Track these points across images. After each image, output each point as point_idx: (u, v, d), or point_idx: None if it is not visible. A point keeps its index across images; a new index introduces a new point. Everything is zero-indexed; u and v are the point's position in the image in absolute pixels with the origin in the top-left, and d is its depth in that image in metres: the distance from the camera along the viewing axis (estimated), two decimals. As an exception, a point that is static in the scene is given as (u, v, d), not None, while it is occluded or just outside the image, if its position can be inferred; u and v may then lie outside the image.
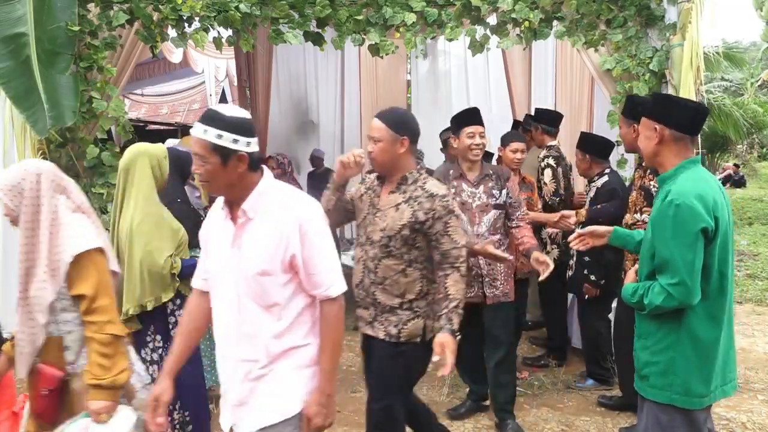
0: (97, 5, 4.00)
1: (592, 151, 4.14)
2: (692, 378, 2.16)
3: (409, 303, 2.55)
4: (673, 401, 2.18)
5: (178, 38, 4.18)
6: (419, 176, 2.60)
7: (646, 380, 2.26)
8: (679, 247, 2.08)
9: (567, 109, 5.77)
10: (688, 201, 2.08)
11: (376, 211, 2.61)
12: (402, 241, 2.51)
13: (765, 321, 5.89)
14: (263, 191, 1.98)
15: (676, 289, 2.08)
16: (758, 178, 19.29)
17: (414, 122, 2.66)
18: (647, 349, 2.25)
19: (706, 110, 2.34)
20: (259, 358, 1.98)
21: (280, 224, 1.94)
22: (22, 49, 3.66)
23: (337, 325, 2.06)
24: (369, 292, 2.60)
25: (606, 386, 4.21)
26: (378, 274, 2.57)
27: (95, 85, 4.01)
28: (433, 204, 2.48)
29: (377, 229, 2.57)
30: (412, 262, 2.53)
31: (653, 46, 4.03)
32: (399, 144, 2.54)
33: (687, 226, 2.07)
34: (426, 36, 4.29)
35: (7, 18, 3.66)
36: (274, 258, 1.93)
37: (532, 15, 4.07)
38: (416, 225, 2.48)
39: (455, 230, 2.51)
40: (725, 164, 18.23)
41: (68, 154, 4.08)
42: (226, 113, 1.92)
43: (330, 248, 2.02)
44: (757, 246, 9.35)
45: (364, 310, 2.66)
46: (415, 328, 2.57)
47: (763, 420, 3.80)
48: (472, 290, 3.42)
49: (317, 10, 4.09)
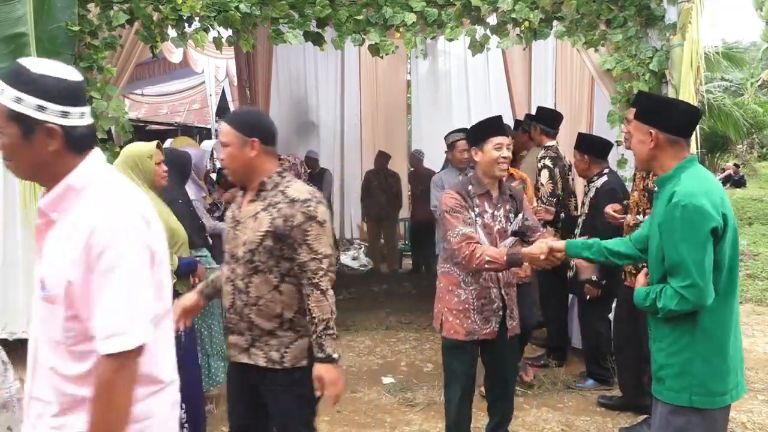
0: (97, 5, 4.00)
1: (590, 151, 4.14)
2: (709, 376, 2.13)
3: (289, 322, 2.24)
4: (692, 403, 2.13)
5: (178, 38, 4.18)
6: (281, 180, 2.30)
7: (662, 383, 2.22)
8: (690, 248, 2.05)
9: (567, 109, 5.76)
10: (696, 201, 2.05)
11: (236, 224, 2.33)
12: (267, 254, 2.20)
13: (765, 321, 5.89)
14: (75, 183, 1.48)
15: (689, 292, 2.06)
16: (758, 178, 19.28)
17: (266, 122, 2.36)
18: (662, 351, 2.21)
19: (699, 111, 2.32)
20: (51, 401, 1.51)
21: (73, 234, 1.44)
22: (22, 49, 3.67)
23: (109, 399, 1.41)
24: (243, 315, 2.27)
25: (606, 386, 4.21)
26: (250, 294, 2.25)
27: (95, 85, 4.01)
28: (293, 210, 2.19)
29: (239, 244, 2.28)
30: (285, 276, 2.22)
31: (653, 46, 4.03)
32: (249, 147, 2.24)
33: (696, 227, 2.05)
34: (426, 36, 4.29)
35: (7, 18, 3.67)
36: (58, 281, 1.45)
37: (532, 15, 4.07)
38: (277, 234, 2.19)
39: (316, 239, 2.18)
40: (725, 164, 18.24)
41: (68, 154, 4.08)
42: (36, 70, 1.45)
43: (130, 283, 1.43)
44: (757, 246, 9.36)
45: (238, 336, 2.30)
46: (299, 351, 2.25)
47: (763, 420, 3.80)
48: (488, 326, 3.03)
49: (317, 10, 4.09)
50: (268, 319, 2.24)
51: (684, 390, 2.14)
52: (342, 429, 3.69)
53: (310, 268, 2.18)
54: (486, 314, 3.01)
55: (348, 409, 3.94)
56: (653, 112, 2.23)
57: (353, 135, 9.19)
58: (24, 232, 4.29)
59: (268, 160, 2.29)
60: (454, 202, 2.93)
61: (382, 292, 7.10)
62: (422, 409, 3.92)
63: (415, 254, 8.19)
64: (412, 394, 4.11)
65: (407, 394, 4.11)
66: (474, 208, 2.97)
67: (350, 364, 4.77)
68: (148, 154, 3.05)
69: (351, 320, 5.79)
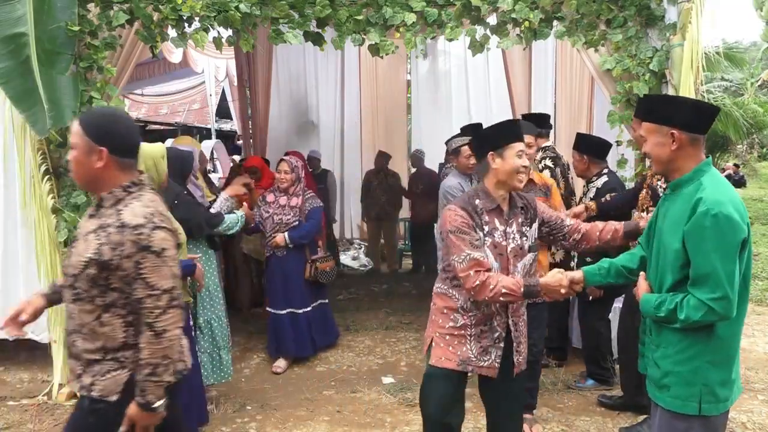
0: (97, 5, 4.00)
1: (589, 151, 4.14)
2: (718, 384, 2.09)
3: (113, 352, 1.96)
4: (702, 411, 2.08)
5: (178, 38, 4.18)
6: (125, 196, 1.97)
7: (666, 390, 2.15)
8: (722, 259, 1.98)
9: (567, 109, 5.78)
10: (726, 211, 1.98)
11: (74, 239, 2.04)
12: (89, 282, 1.92)
13: (765, 321, 5.89)
14: None
15: (719, 304, 1.98)
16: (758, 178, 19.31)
17: (121, 128, 2.01)
18: (668, 359, 2.14)
19: (716, 107, 2.23)
20: None
21: None
22: (22, 49, 3.66)
23: None
24: (71, 340, 2.03)
25: (606, 386, 4.21)
26: (74, 319, 2.00)
27: (95, 85, 4.01)
28: (122, 237, 1.88)
29: (67, 265, 2.01)
30: (109, 307, 1.94)
31: (653, 46, 4.03)
32: (95, 156, 1.94)
33: (728, 238, 1.98)
34: (426, 36, 4.29)
35: (7, 18, 3.66)
36: None
37: (532, 15, 4.07)
38: (101, 262, 1.89)
39: (153, 272, 1.88)
40: (725, 164, 18.25)
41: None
42: None
43: None
44: (757, 246, 9.36)
45: (73, 360, 2.05)
46: (114, 383, 1.96)
47: (763, 420, 3.80)
48: (486, 358, 2.65)
49: (317, 10, 4.09)
50: (92, 349, 1.97)
51: (692, 398, 2.09)
52: (342, 429, 3.69)
53: (147, 305, 1.89)
54: (484, 344, 2.63)
55: (348, 409, 3.94)
56: (672, 112, 2.14)
57: (353, 135, 9.19)
58: (24, 232, 4.29)
59: (121, 174, 1.98)
60: (460, 221, 2.54)
61: (382, 292, 7.10)
62: (422, 409, 3.92)
63: (415, 254, 8.19)
64: (412, 394, 4.11)
65: (407, 394, 4.11)
66: (483, 226, 2.58)
67: (350, 364, 4.77)
68: (161, 154, 3.09)
69: (351, 320, 5.79)
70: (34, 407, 3.95)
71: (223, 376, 3.92)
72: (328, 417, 3.82)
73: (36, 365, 4.57)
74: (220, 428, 3.67)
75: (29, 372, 4.51)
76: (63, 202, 4.09)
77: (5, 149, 4.22)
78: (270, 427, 3.67)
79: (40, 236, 4.09)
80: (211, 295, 3.87)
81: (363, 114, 9.16)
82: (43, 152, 4.07)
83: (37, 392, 4.16)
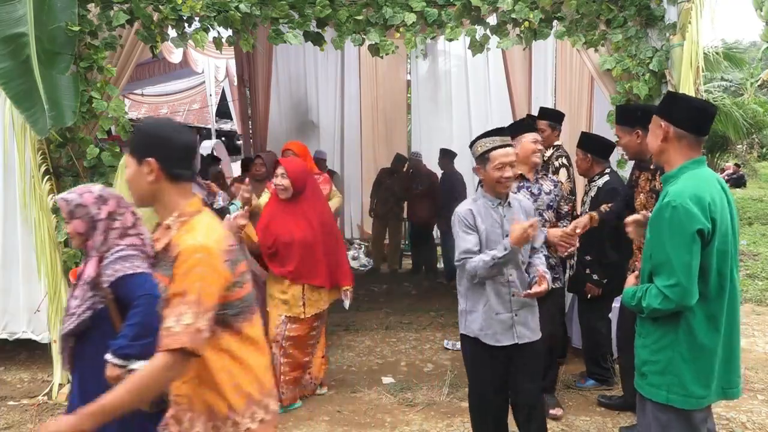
0: (97, 5, 4.01)
1: (593, 150, 4.13)
2: (690, 379, 2.16)
3: None
4: (670, 401, 2.18)
5: (178, 38, 4.18)
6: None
7: (645, 378, 2.26)
8: (675, 248, 2.08)
9: (567, 109, 5.76)
10: (684, 202, 2.07)
11: None
12: None
13: (765, 321, 5.89)
14: None
15: (673, 291, 2.08)
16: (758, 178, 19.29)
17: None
18: (647, 348, 2.25)
19: (713, 109, 2.31)
20: None
21: None
22: (22, 49, 3.66)
23: None
24: None
25: (606, 386, 4.21)
26: None
27: (95, 85, 4.01)
28: None
29: None
30: None
31: (653, 46, 4.03)
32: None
33: (683, 228, 2.07)
34: (426, 36, 4.29)
35: (7, 18, 3.66)
36: None
37: (532, 15, 4.08)
38: None
39: None
40: (725, 164, 18.23)
41: (68, 154, 4.09)
42: None
43: None
44: (757, 246, 9.35)
45: None
46: None
47: (763, 420, 3.80)
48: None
49: (317, 10, 4.09)
50: None
51: (663, 387, 2.19)
52: (342, 429, 3.69)
53: None
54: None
55: (348, 409, 3.94)
56: (667, 105, 2.26)
57: (353, 135, 9.18)
58: (24, 232, 4.29)
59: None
60: None
61: (382, 292, 7.10)
62: (422, 409, 3.92)
63: (416, 254, 8.19)
64: (412, 394, 4.11)
65: (407, 394, 4.11)
66: None
67: (350, 364, 4.77)
68: None
69: (351, 320, 5.78)
70: (34, 407, 3.95)
71: None
72: (328, 417, 3.82)
73: (36, 365, 4.57)
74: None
75: (29, 372, 4.51)
76: (63, 202, 4.09)
77: (5, 149, 4.22)
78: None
79: (40, 236, 4.10)
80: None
81: (363, 114, 9.15)
82: (43, 152, 4.07)
83: (37, 392, 4.16)
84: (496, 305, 2.82)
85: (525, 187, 3.42)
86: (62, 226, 4.06)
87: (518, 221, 2.74)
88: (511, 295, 2.83)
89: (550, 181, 3.57)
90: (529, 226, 2.65)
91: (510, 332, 2.84)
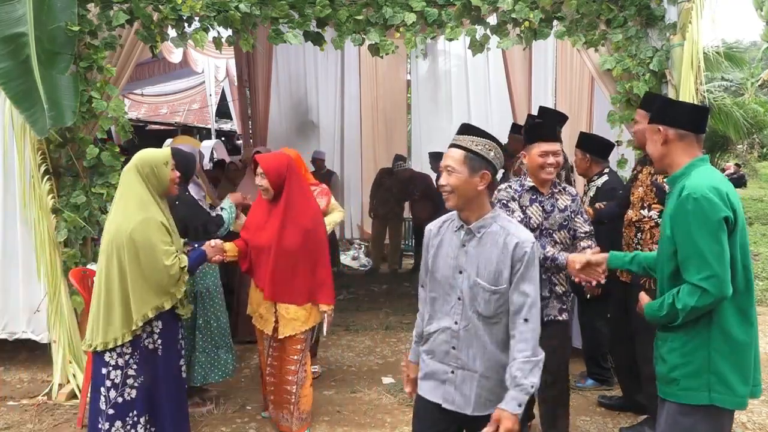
0: (97, 5, 4.01)
1: (592, 150, 4.13)
2: (731, 375, 2.08)
3: None
4: (713, 400, 2.08)
5: (178, 38, 4.18)
6: None
7: (675, 384, 2.15)
8: (704, 239, 2.03)
9: (567, 109, 5.76)
10: (704, 193, 2.05)
11: None
12: None
13: (765, 321, 5.89)
14: None
15: (710, 283, 2.01)
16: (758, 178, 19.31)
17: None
18: (675, 352, 2.15)
19: (706, 108, 2.34)
20: None
21: None
22: (22, 49, 3.66)
23: None
24: None
25: (606, 386, 4.21)
26: None
27: (95, 85, 4.02)
28: None
29: None
30: None
31: (653, 46, 4.03)
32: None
33: (707, 217, 2.04)
34: (426, 36, 4.29)
35: (7, 18, 3.66)
36: None
37: (532, 15, 4.07)
38: None
39: None
40: (725, 164, 18.23)
41: (68, 154, 4.09)
42: None
43: None
44: (757, 246, 9.36)
45: None
46: None
47: (763, 420, 3.80)
48: None
49: (317, 10, 4.09)
50: None
51: (702, 388, 2.09)
52: (342, 429, 3.69)
53: None
54: None
55: (348, 409, 3.94)
56: (661, 109, 2.26)
57: (353, 135, 9.19)
58: (24, 232, 4.29)
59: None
60: None
61: (382, 292, 7.10)
62: (422, 409, 3.92)
63: (417, 254, 8.19)
64: (412, 394, 4.11)
65: (407, 394, 4.11)
66: None
67: (350, 364, 4.77)
68: (164, 160, 2.95)
69: (351, 320, 5.78)
70: (34, 407, 3.95)
71: (221, 374, 3.86)
72: (328, 417, 3.82)
73: (36, 365, 4.57)
74: (220, 428, 3.67)
75: (29, 372, 4.51)
76: (63, 202, 4.09)
77: (5, 149, 4.21)
78: (270, 428, 3.66)
79: (40, 236, 4.10)
80: (211, 295, 3.86)
81: (363, 114, 9.15)
82: (43, 152, 4.07)
83: (37, 392, 4.15)
84: (436, 352, 2.21)
85: (537, 201, 3.02)
86: (62, 226, 4.06)
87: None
88: (451, 347, 2.16)
89: (567, 195, 3.09)
90: None
91: (439, 389, 2.20)
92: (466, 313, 2.11)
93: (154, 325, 2.93)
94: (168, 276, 2.86)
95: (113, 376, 2.87)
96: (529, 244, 2.07)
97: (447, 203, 2.17)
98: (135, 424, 2.90)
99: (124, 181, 2.94)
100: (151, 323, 2.91)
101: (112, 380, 2.87)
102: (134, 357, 2.89)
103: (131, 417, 2.90)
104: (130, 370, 2.90)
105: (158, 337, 2.95)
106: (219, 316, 3.89)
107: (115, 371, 2.88)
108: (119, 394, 2.87)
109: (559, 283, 3.01)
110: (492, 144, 2.16)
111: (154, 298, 2.86)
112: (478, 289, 2.09)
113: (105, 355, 2.87)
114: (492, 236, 2.11)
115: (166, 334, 2.97)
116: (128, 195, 2.90)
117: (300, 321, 3.29)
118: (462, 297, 2.13)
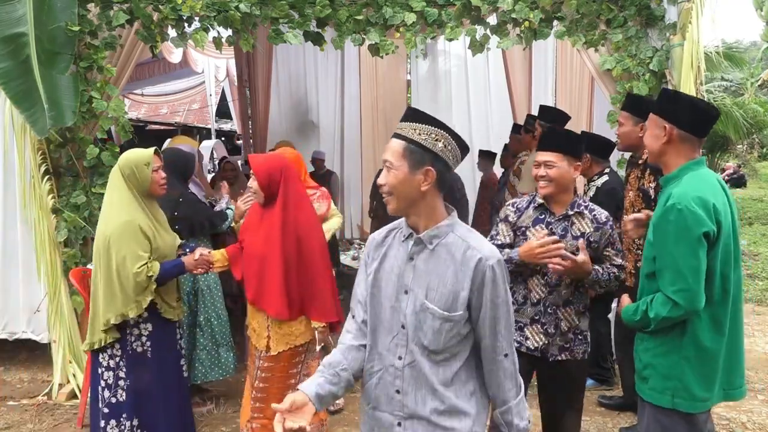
0: (97, 5, 4.01)
1: (593, 150, 4.13)
2: (694, 383, 2.12)
3: None
4: (675, 405, 2.14)
5: (178, 38, 4.18)
6: None
7: (645, 382, 2.23)
8: (682, 252, 2.03)
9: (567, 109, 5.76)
10: (689, 205, 2.03)
11: None
12: None
13: (765, 321, 5.89)
14: None
15: (681, 296, 2.03)
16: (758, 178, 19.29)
17: None
18: (649, 351, 2.22)
19: (716, 112, 2.26)
20: None
21: None
22: (22, 49, 3.66)
23: None
24: None
25: (606, 386, 4.21)
26: None
27: (95, 85, 4.02)
28: None
29: None
30: None
31: (653, 46, 4.03)
32: None
33: (689, 231, 2.02)
34: (426, 36, 4.29)
35: (7, 18, 3.66)
36: None
37: (532, 15, 4.08)
38: None
39: None
40: (725, 164, 18.22)
41: (68, 154, 4.09)
42: None
43: None
44: (757, 246, 9.36)
45: None
46: None
47: (763, 420, 3.80)
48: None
49: (317, 10, 4.09)
50: None
51: (667, 392, 2.15)
52: (342, 429, 3.69)
53: None
54: None
55: (348, 409, 3.94)
56: (672, 107, 2.19)
57: (353, 135, 9.19)
58: (24, 232, 4.29)
59: None
60: None
61: (382, 292, 7.08)
62: (422, 409, 3.92)
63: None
64: (412, 394, 4.11)
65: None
66: None
67: (350, 364, 4.77)
68: (145, 161, 2.87)
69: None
70: (34, 407, 3.95)
71: (221, 372, 3.85)
72: (328, 417, 3.82)
73: (36, 365, 4.57)
74: (220, 428, 3.67)
75: (29, 372, 4.51)
76: (63, 202, 4.09)
77: (5, 149, 4.22)
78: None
79: (40, 236, 4.10)
80: (212, 293, 3.86)
81: (363, 114, 9.15)
82: (43, 152, 4.07)
83: (37, 392, 4.16)
84: (378, 397, 1.76)
85: (544, 222, 2.53)
86: (62, 226, 4.06)
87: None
88: (395, 390, 1.72)
89: (590, 221, 2.52)
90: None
91: None
92: (410, 346, 1.69)
93: (142, 327, 2.90)
94: (134, 283, 2.78)
95: (106, 377, 2.89)
96: (494, 260, 1.64)
97: (387, 207, 1.75)
98: (125, 426, 2.91)
99: (109, 182, 2.95)
100: (138, 326, 2.88)
101: (106, 381, 2.88)
102: (123, 359, 2.88)
103: (123, 419, 2.90)
104: (121, 372, 2.89)
105: (147, 340, 2.91)
106: (220, 314, 3.89)
107: (108, 372, 2.89)
108: (112, 394, 2.88)
109: (564, 318, 2.57)
110: (440, 133, 1.66)
111: (120, 305, 2.79)
112: (426, 315, 1.65)
113: (99, 355, 2.89)
114: (447, 248, 1.67)
115: (157, 336, 2.93)
116: (112, 196, 2.90)
117: (294, 335, 2.93)
118: (405, 324, 1.69)
